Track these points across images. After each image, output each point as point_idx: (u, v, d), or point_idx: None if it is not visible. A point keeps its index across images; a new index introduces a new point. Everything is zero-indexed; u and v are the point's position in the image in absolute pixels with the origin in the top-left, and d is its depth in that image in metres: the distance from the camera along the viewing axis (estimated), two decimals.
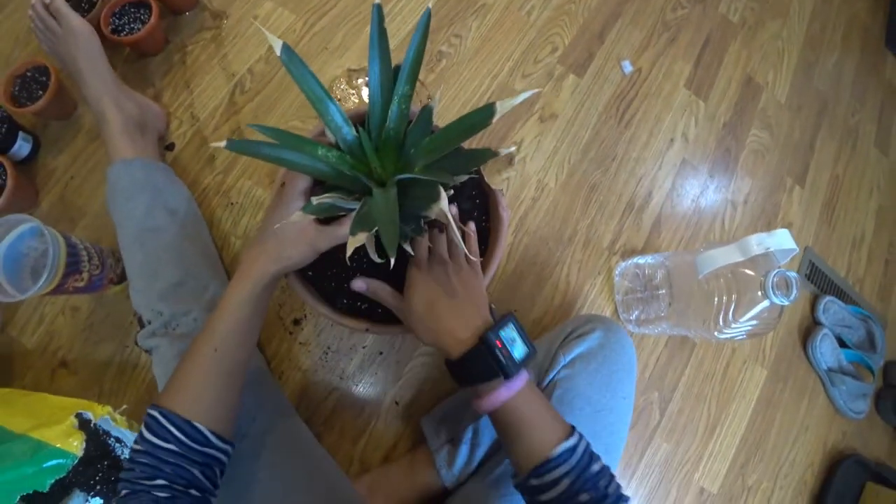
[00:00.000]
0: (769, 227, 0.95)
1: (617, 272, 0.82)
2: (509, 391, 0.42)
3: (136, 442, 0.40)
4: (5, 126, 0.67)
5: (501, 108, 0.38)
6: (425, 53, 0.43)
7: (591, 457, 0.41)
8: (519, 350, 0.42)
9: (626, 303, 0.82)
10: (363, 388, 0.71)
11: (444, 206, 0.38)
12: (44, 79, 0.69)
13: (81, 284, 0.60)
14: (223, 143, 0.39)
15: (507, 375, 0.41)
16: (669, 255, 0.76)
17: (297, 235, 0.45)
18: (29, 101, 0.68)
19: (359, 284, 0.50)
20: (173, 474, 0.38)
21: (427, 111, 0.46)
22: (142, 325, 0.59)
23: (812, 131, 1.06)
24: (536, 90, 0.49)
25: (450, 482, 0.63)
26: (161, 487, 0.37)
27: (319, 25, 0.82)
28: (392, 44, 0.79)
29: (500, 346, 0.41)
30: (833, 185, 1.05)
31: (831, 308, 0.96)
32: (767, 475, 0.88)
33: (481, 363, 0.42)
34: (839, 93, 1.12)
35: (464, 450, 0.62)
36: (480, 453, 0.62)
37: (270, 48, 0.79)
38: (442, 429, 0.66)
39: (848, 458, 0.92)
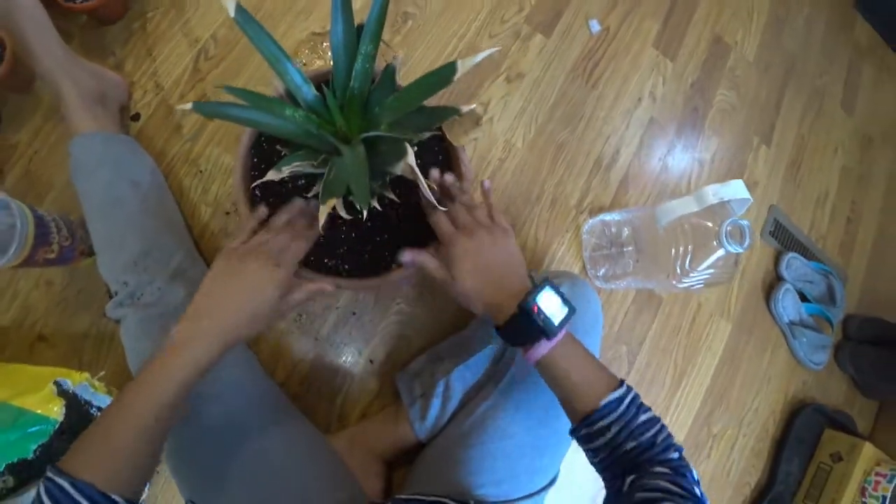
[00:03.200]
0: None
1: (584, 229, 0.90)
2: (549, 345, 0.48)
3: None
4: None
5: (463, 66, 0.44)
6: (391, 15, 0.48)
7: (640, 408, 0.46)
8: (558, 311, 0.47)
9: (593, 259, 0.89)
10: (338, 348, 0.78)
11: (412, 161, 0.43)
12: None
13: (52, 256, 0.64)
14: (189, 106, 0.44)
15: (549, 337, 0.47)
16: (634, 211, 0.84)
17: (264, 315, 0.48)
18: None
19: (407, 257, 0.54)
20: None
21: (390, 70, 0.51)
22: (111, 297, 0.63)
23: (779, 91, 1.14)
24: (496, 48, 0.55)
25: (423, 434, 0.69)
26: None
27: None
28: (356, 5, 0.83)
29: (536, 311, 0.46)
30: (799, 145, 1.13)
31: (794, 264, 1.06)
32: (732, 423, 0.99)
33: (523, 328, 0.47)
34: (808, 52, 1.20)
35: (436, 403, 0.69)
36: (452, 406, 0.69)
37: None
38: (415, 384, 0.73)
39: (807, 406, 1.03)
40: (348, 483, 0.63)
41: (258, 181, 0.48)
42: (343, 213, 0.50)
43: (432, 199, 0.49)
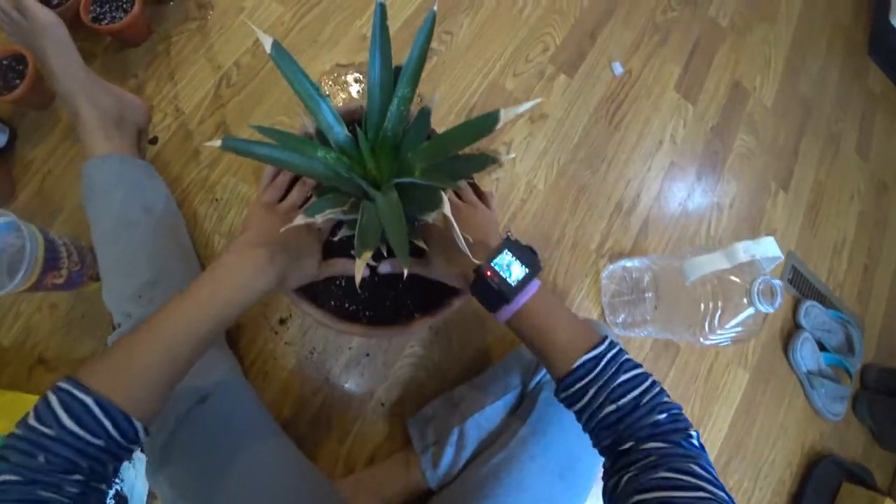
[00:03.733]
0: (754, 231, 1.02)
1: (604, 275, 0.88)
2: (514, 307, 0.46)
3: (39, 421, 0.34)
4: None
5: (505, 115, 0.42)
6: None
7: (621, 367, 0.42)
8: (516, 272, 0.46)
9: (612, 305, 0.87)
10: (349, 388, 0.75)
11: (447, 212, 0.41)
12: (20, 67, 0.70)
13: (60, 281, 0.62)
14: (218, 143, 0.42)
15: (507, 300, 0.45)
16: (656, 259, 0.82)
17: (304, 274, 0.52)
18: (5, 90, 0.69)
19: (385, 268, 0.56)
20: (90, 470, 0.35)
21: (424, 113, 0.49)
22: (115, 328, 0.61)
23: (796, 137, 1.14)
24: (540, 99, 0.54)
25: (434, 483, 0.66)
26: (74, 482, 0.34)
27: (308, 18, 0.85)
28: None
29: (489, 275, 0.45)
30: (816, 191, 1.13)
31: (812, 312, 1.04)
32: (748, 475, 0.95)
33: (483, 294, 0.47)
34: (823, 99, 1.21)
35: (449, 451, 0.66)
36: (466, 455, 0.66)
37: (258, 41, 0.81)
38: (428, 430, 0.70)
39: (825, 459, 1.00)
40: None
41: (287, 226, 0.46)
42: (370, 261, 0.48)
43: (467, 250, 0.47)
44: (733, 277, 0.67)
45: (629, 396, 0.40)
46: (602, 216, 0.91)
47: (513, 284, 0.45)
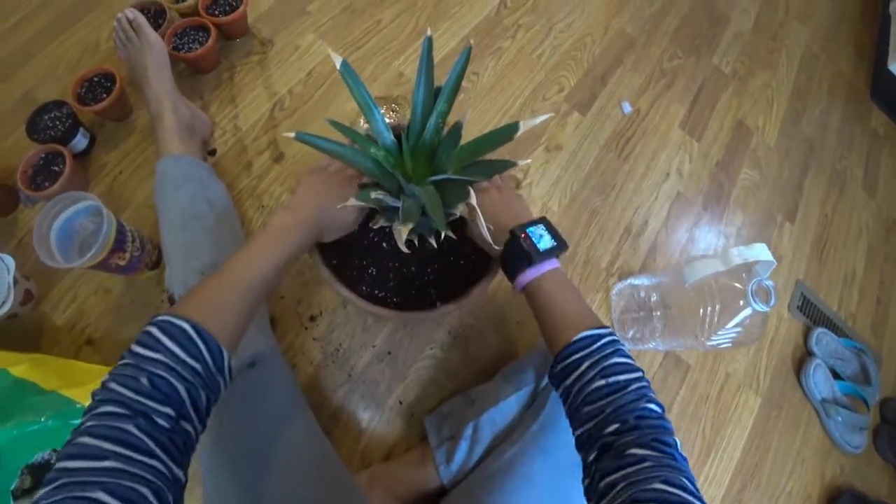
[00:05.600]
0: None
1: (614, 292, 0.97)
2: (535, 273, 0.54)
3: (142, 345, 0.37)
4: (69, 121, 0.84)
5: (524, 126, 0.54)
6: None
7: (618, 352, 0.45)
8: (545, 242, 0.54)
9: (622, 321, 0.96)
10: (370, 385, 0.83)
11: (474, 202, 0.53)
12: (108, 84, 0.86)
13: (123, 263, 0.73)
14: (293, 134, 0.55)
15: (532, 261, 0.54)
16: (662, 276, 0.91)
17: (342, 219, 0.61)
18: (92, 102, 0.85)
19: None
20: (186, 397, 0.37)
21: (457, 127, 0.62)
22: (172, 303, 0.70)
23: (800, 173, 1.25)
24: (552, 114, 0.66)
25: (447, 479, 0.71)
26: (166, 417, 0.36)
27: (353, 57, 1.02)
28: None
29: (524, 236, 0.54)
30: (823, 224, 1.23)
31: (824, 339, 1.10)
32: None
33: (513, 253, 0.56)
34: (826, 139, 1.33)
35: (463, 446, 0.71)
36: (480, 450, 0.71)
37: (310, 73, 0.99)
38: (444, 426, 0.76)
39: (846, 493, 1.02)
40: None
41: (349, 203, 0.58)
42: (404, 249, 0.59)
43: (489, 238, 0.58)
44: (734, 284, 0.77)
45: (621, 377, 0.43)
46: (612, 238, 1.02)
47: (541, 250, 0.54)
